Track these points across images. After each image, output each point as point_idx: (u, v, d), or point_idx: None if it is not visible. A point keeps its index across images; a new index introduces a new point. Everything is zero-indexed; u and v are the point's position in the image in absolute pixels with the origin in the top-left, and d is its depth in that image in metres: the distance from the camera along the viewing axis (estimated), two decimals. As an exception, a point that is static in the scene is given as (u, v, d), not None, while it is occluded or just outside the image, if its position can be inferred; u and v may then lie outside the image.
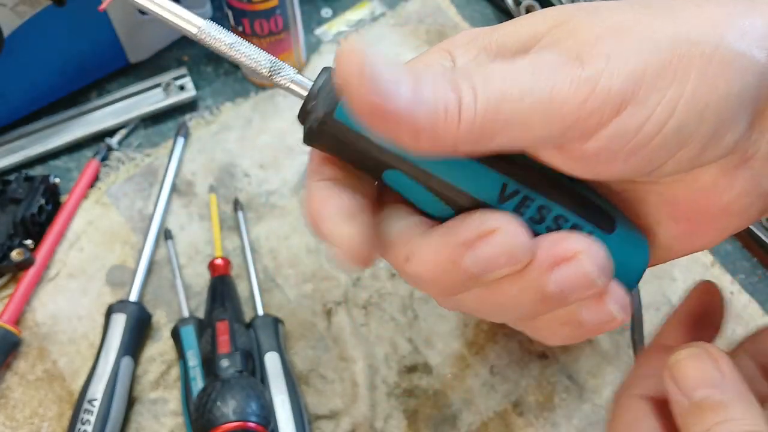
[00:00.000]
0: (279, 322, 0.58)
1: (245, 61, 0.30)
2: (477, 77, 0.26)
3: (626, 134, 0.26)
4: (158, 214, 0.64)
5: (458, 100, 0.25)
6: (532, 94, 0.25)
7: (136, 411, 0.57)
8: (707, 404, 0.30)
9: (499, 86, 0.26)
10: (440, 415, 0.56)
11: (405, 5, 0.77)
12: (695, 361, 0.31)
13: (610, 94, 0.25)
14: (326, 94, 0.28)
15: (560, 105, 0.25)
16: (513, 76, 0.26)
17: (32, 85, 0.68)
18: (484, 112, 0.25)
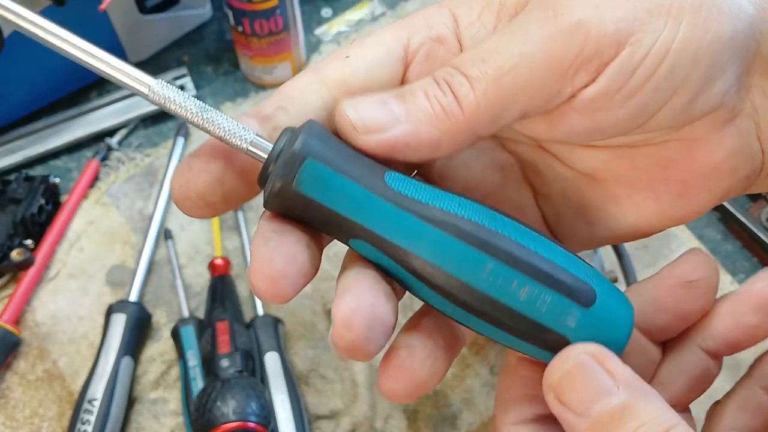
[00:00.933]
0: (279, 322, 0.58)
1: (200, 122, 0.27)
2: (469, 65, 0.26)
3: (623, 74, 0.26)
4: (158, 214, 0.64)
5: (453, 96, 0.26)
6: (529, 58, 0.26)
7: (136, 411, 0.57)
8: (612, 415, 0.25)
9: (495, 63, 0.26)
10: (440, 415, 0.56)
11: (405, 5, 0.77)
12: (581, 372, 0.26)
13: (605, 36, 0.26)
14: (286, 159, 0.26)
15: (559, 59, 0.26)
16: (506, 47, 0.26)
17: (32, 85, 0.68)
18: (485, 94, 0.26)
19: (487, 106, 0.26)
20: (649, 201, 0.31)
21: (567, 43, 0.26)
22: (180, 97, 0.27)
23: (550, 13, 0.26)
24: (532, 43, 0.26)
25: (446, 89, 0.27)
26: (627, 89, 0.27)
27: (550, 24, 0.26)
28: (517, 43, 0.26)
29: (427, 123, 0.26)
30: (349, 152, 0.27)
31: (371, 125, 0.27)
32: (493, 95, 0.26)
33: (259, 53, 0.69)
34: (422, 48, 0.30)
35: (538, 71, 0.26)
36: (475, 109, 0.26)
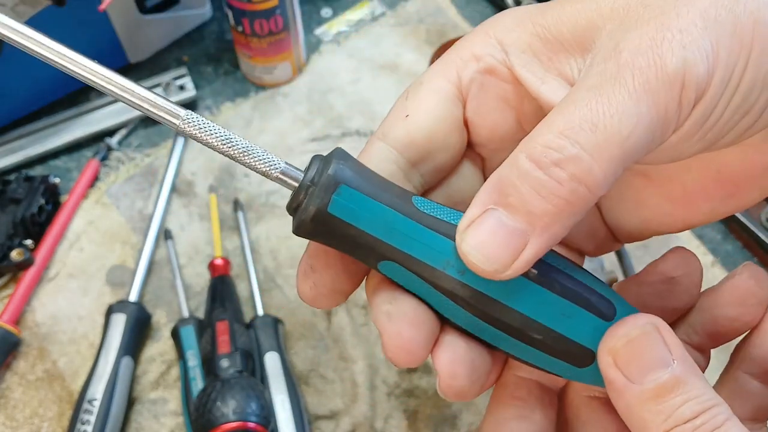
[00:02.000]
0: (279, 322, 0.58)
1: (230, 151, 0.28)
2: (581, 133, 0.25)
3: (705, 116, 0.26)
4: (158, 214, 0.64)
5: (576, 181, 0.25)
6: (644, 118, 0.25)
7: (136, 411, 0.57)
8: (664, 387, 0.26)
9: (613, 129, 0.25)
10: (440, 415, 0.56)
11: (405, 5, 0.77)
12: (644, 341, 0.27)
13: (697, 83, 0.25)
14: (320, 187, 0.27)
15: (665, 111, 0.25)
16: (619, 110, 0.25)
17: (32, 84, 0.68)
18: (609, 162, 0.25)
19: (612, 171, 0.25)
20: (702, 200, 0.32)
21: (669, 94, 0.25)
22: (212, 128, 0.27)
23: (643, 63, 0.25)
24: (641, 100, 0.25)
25: (561, 176, 0.25)
26: (705, 127, 0.26)
27: (649, 76, 0.25)
28: (626, 102, 0.25)
29: (556, 220, 0.25)
30: (377, 178, 0.28)
31: (509, 259, 0.25)
32: (617, 161, 0.25)
33: (259, 53, 0.69)
34: (474, 82, 0.30)
35: (651, 127, 0.25)
36: (599, 180, 0.25)
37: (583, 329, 0.28)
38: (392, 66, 0.73)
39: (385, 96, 0.71)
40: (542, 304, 0.28)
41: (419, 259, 0.27)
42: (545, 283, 0.28)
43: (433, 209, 0.28)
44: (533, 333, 0.28)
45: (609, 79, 0.25)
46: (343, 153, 0.28)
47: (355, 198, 0.27)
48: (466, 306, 0.28)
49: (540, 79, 0.29)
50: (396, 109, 0.31)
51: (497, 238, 0.25)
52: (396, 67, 0.73)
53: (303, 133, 0.69)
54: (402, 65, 0.73)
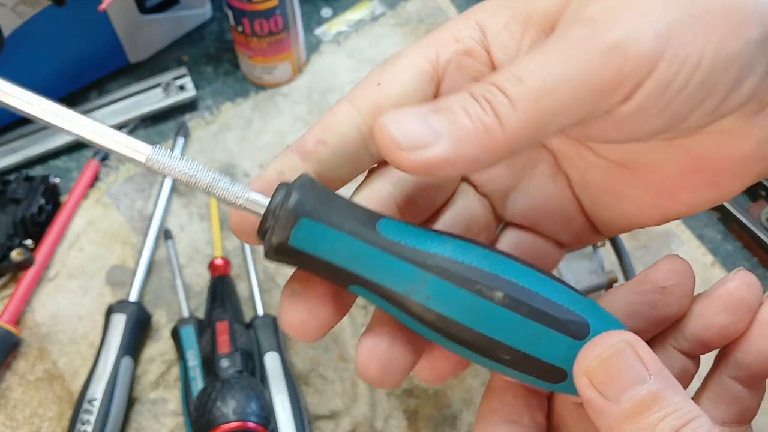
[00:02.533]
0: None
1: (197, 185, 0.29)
2: (508, 83, 0.26)
3: (659, 90, 0.26)
4: (158, 214, 0.64)
5: (495, 116, 0.26)
6: (568, 80, 0.26)
7: (136, 411, 0.57)
8: (642, 404, 0.26)
9: (534, 83, 0.26)
10: (440, 415, 0.56)
11: (405, 5, 0.77)
12: (619, 359, 0.27)
13: (641, 55, 0.26)
14: (280, 216, 0.27)
15: (598, 80, 0.26)
16: (546, 69, 0.26)
17: (32, 85, 0.67)
18: (525, 114, 0.26)
19: (527, 125, 0.26)
20: (682, 190, 0.32)
21: (605, 65, 0.26)
22: (177, 164, 0.28)
23: (587, 33, 0.26)
24: (571, 65, 0.26)
25: (487, 107, 0.26)
26: (661, 104, 0.27)
27: (588, 45, 0.26)
28: (556, 64, 0.26)
29: (469, 141, 0.26)
30: (341, 205, 0.28)
31: (414, 141, 0.26)
32: (533, 115, 0.26)
33: (259, 53, 0.69)
34: (451, 63, 0.31)
35: (576, 92, 0.26)
36: (515, 128, 0.26)
37: (553, 350, 0.28)
38: (392, 66, 0.73)
39: (385, 96, 0.71)
40: (508, 327, 0.28)
41: (384, 285, 0.28)
42: (511, 305, 0.28)
43: (398, 233, 0.28)
44: (501, 354, 0.28)
45: (552, 41, 0.27)
46: (306, 181, 0.28)
47: (316, 230, 0.27)
48: (433, 328, 0.28)
49: (512, 57, 0.30)
50: (370, 76, 0.31)
51: (416, 125, 0.26)
52: (396, 67, 0.73)
53: (303, 132, 0.68)
54: (402, 65, 0.73)
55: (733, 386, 0.32)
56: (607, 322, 0.29)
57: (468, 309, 0.27)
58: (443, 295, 0.27)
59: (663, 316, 0.33)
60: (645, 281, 0.33)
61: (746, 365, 0.32)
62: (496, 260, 0.28)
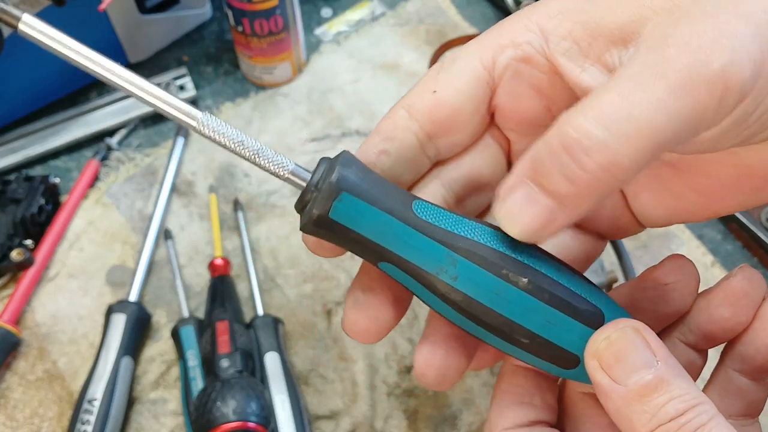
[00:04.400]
0: (279, 322, 0.58)
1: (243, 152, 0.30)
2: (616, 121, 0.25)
3: (743, 118, 0.26)
4: (158, 214, 0.64)
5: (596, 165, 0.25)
6: (680, 113, 0.25)
7: (136, 411, 0.57)
8: (648, 387, 0.27)
9: (647, 120, 0.25)
10: (440, 415, 0.56)
11: (405, 5, 0.77)
12: (626, 342, 0.28)
13: (741, 84, 0.25)
14: (323, 189, 0.28)
15: (703, 109, 0.25)
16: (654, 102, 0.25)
17: (32, 85, 0.68)
18: (637, 151, 0.25)
19: (639, 163, 0.25)
20: (729, 193, 0.32)
21: (708, 93, 0.25)
22: (226, 129, 0.29)
23: (688, 60, 0.25)
24: (679, 95, 0.25)
25: (588, 164, 0.25)
26: (741, 129, 0.27)
27: (691, 72, 0.25)
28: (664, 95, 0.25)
29: (580, 202, 0.26)
30: (380, 183, 0.29)
31: (539, 227, 0.27)
32: (646, 151, 0.25)
33: (259, 53, 0.69)
34: (508, 69, 0.30)
35: (685, 122, 0.25)
36: (627, 169, 0.25)
37: (568, 336, 0.29)
38: (392, 66, 0.73)
39: (385, 96, 0.71)
40: (529, 312, 0.29)
41: (415, 264, 0.29)
42: (534, 291, 0.29)
43: (431, 215, 0.29)
44: (520, 337, 0.29)
45: (651, 70, 0.25)
46: (348, 158, 0.29)
47: (356, 205, 0.28)
48: (458, 309, 0.29)
49: (579, 66, 0.29)
50: (426, 81, 0.32)
51: (527, 210, 0.27)
52: (396, 67, 0.73)
53: (303, 133, 0.69)
54: (402, 65, 0.73)
55: (738, 379, 0.33)
56: (620, 313, 0.30)
57: (493, 292, 0.29)
58: (471, 277, 0.29)
59: (666, 312, 0.33)
60: (648, 278, 0.34)
61: (751, 358, 0.32)
62: (522, 249, 0.29)
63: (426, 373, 0.31)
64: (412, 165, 0.32)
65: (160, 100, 0.30)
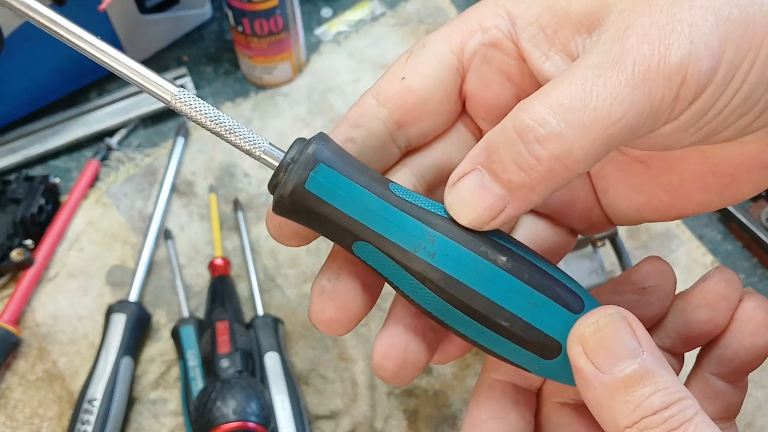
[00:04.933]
0: (279, 322, 0.58)
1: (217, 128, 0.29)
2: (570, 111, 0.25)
3: (703, 111, 0.26)
4: (158, 214, 0.64)
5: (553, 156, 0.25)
6: (637, 107, 0.25)
7: (136, 411, 0.57)
8: (633, 377, 0.26)
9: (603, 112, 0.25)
10: (440, 415, 0.56)
11: (405, 5, 0.77)
12: (614, 330, 0.27)
13: (700, 76, 0.25)
14: (299, 164, 0.28)
15: (660, 103, 0.25)
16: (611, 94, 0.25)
17: (32, 85, 0.68)
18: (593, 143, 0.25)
19: (593, 155, 0.25)
20: (697, 191, 0.32)
21: (667, 86, 0.25)
22: (200, 106, 0.29)
23: (647, 51, 0.25)
24: (636, 88, 0.25)
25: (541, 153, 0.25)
26: (702, 123, 0.26)
27: (650, 65, 0.25)
28: (621, 88, 0.25)
29: (533, 192, 0.26)
30: (356, 162, 0.29)
31: (488, 215, 0.27)
32: (600, 143, 0.25)
33: (259, 53, 0.69)
34: (477, 54, 0.30)
35: (642, 116, 0.25)
36: (581, 160, 0.25)
37: (550, 320, 0.28)
38: (392, 66, 0.73)
39: (385, 96, 0.71)
40: (510, 292, 0.28)
41: (392, 240, 0.28)
42: (514, 271, 0.28)
43: (408, 195, 0.29)
44: (500, 320, 0.28)
45: (610, 61, 0.25)
46: (324, 136, 0.29)
47: (333, 177, 0.28)
48: (436, 289, 0.28)
49: (544, 55, 0.29)
50: (394, 69, 0.31)
51: (478, 198, 0.27)
52: (396, 67, 0.73)
53: (303, 133, 0.69)
54: (402, 65, 0.73)
55: (715, 383, 0.32)
56: (597, 303, 0.29)
57: (472, 269, 0.28)
58: (449, 253, 0.28)
59: (643, 315, 0.33)
60: (625, 282, 0.33)
61: (727, 361, 0.32)
62: (499, 233, 0.29)
63: (384, 365, 0.30)
64: (380, 153, 0.31)
65: (137, 73, 0.29)
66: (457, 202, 0.27)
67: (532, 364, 0.29)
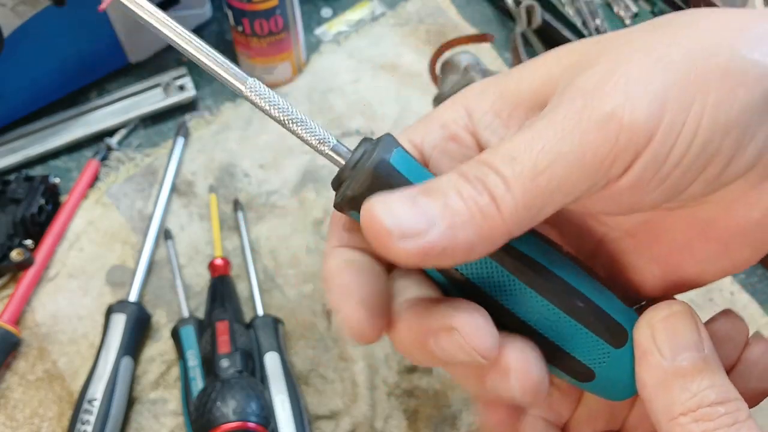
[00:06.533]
0: (279, 322, 0.58)
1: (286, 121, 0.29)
2: (500, 163, 0.25)
3: (658, 160, 0.25)
4: (158, 214, 0.64)
5: (490, 197, 0.25)
6: (563, 156, 0.25)
7: (136, 411, 0.57)
8: (695, 368, 0.27)
9: (529, 162, 0.25)
10: (440, 415, 0.56)
11: (405, 5, 0.77)
12: (682, 321, 0.28)
13: (638, 124, 0.24)
14: (361, 170, 0.28)
15: (594, 154, 0.25)
16: (539, 145, 0.25)
17: (32, 85, 0.68)
18: (522, 195, 0.25)
19: (525, 206, 0.25)
20: (689, 260, 0.31)
21: (600, 136, 0.25)
22: (273, 98, 0.29)
23: (579, 104, 0.25)
24: (565, 139, 0.25)
25: (480, 189, 0.25)
26: (661, 173, 0.26)
27: (582, 116, 0.25)
28: (549, 139, 0.25)
29: (464, 226, 0.25)
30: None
31: (407, 229, 0.24)
32: (530, 195, 0.25)
33: (259, 53, 0.69)
34: (436, 149, 0.31)
35: (573, 168, 0.25)
36: (513, 211, 0.25)
37: (615, 306, 0.29)
38: (392, 66, 0.73)
39: (385, 96, 0.71)
40: (579, 276, 0.29)
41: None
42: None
43: None
44: (577, 300, 0.28)
45: (542, 116, 0.26)
46: (390, 141, 0.29)
47: (411, 161, 0.28)
48: (513, 269, 0.28)
49: (500, 137, 0.29)
50: None
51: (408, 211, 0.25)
52: (396, 67, 0.73)
53: (303, 133, 0.69)
54: (402, 65, 0.73)
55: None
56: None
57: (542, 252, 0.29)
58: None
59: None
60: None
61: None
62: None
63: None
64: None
65: (213, 61, 0.29)
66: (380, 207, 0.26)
67: (599, 357, 0.29)
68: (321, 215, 0.65)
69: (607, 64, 0.26)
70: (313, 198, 0.65)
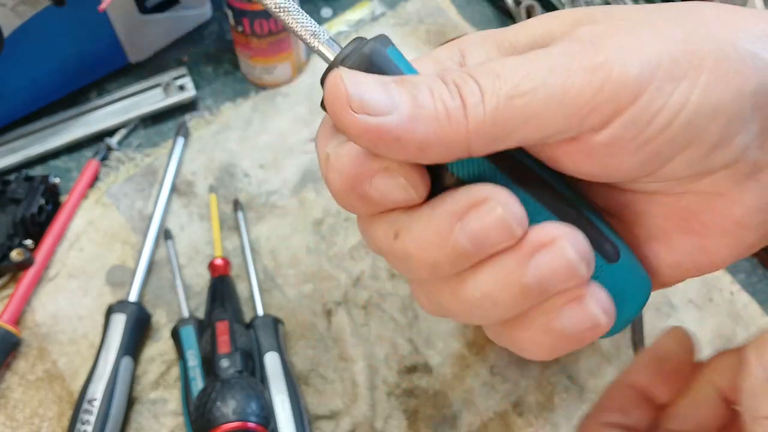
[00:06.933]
0: (279, 322, 0.58)
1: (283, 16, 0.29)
2: (483, 75, 0.25)
3: (639, 123, 0.25)
4: (158, 214, 0.64)
5: (462, 103, 0.25)
6: (546, 86, 0.25)
7: (136, 411, 0.57)
8: None
9: (511, 81, 0.25)
10: (440, 415, 0.56)
11: (405, 5, 0.77)
12: None
13: (626, 80, 0.25)
14: (353, 61, 0.27)
15: (576, 95, 0.25)
16: (525, 70, 0.25)
17: (32, 85, 0.68)
18: (495, 110, 0.25)
19: (493, 123, 0.25)
20: (666, 251, 0.31)
21: (587, 80, 0.25)
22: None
23: (576, 48, 0.25)
24: (553, 72, 0.25)
25: (455, 92, 0.25)
26: (640, 138, 0.26)
27: (574, 58, 0.25)
28: (538, 69, 0.25)
29: (425, 122, 0.25)
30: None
31: (368, 105, 0.24)
32: (501, 114, 0.25)
33: (259, 53, 0.69)
34: None
35: (551, 101, 0.25)
36: (480, 123, 0.25)
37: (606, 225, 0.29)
38: (392, 66, 0.73)
39: (385, 96, 0.71)
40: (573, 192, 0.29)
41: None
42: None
43: None
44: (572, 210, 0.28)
45: (540, 52, 0.26)
46: (385, 38, 0.28)
47: (403, 59, 0.27)
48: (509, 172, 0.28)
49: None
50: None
51: (374, 88, 0.25)
52: (396, 67, 0.73)
53: (303, 133, 0.69)
54: (402, 65, 0.73)
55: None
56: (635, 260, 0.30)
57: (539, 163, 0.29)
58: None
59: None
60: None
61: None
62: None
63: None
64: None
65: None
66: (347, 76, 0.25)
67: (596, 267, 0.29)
68: (321, 215, 0.65)
69: (609, 25, 0.26)
70: (313, 198, 0.65)
